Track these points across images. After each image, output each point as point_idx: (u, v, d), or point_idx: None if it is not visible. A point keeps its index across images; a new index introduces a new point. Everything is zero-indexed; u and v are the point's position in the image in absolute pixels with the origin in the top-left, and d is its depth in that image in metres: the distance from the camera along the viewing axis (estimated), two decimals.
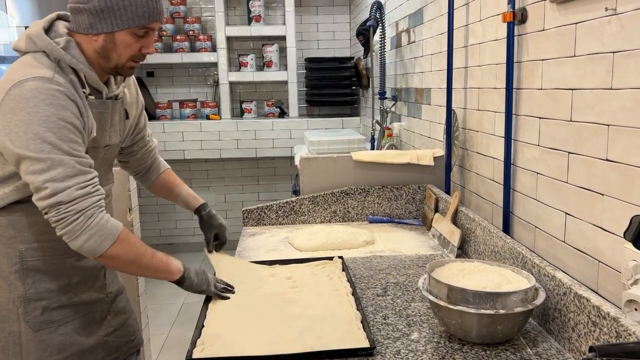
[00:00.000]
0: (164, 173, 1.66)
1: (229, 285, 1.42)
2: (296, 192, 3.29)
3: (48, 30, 1.23)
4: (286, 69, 4.49)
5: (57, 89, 1.14)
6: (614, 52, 1.09)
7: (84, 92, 1.23)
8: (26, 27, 2.67)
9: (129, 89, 1.44)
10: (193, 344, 1.15)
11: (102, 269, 1.41)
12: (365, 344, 1.12)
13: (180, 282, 1.34)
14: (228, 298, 1.37)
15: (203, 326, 1.24)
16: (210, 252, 1.62)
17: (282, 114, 4.62)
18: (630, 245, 0.97)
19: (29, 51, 1.20)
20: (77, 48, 1.22)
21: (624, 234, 0.85)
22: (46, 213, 1.14)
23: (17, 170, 1.16)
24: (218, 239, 1.64)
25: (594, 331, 1.01)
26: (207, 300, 1.37)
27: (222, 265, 1.57)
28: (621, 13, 1.06)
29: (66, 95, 1.16)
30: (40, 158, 1.11)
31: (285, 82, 4.53)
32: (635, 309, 0.98)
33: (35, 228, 1.25)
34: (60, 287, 1.30)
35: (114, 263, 1.23)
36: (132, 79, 1.48)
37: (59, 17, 1.27)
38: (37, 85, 1.13)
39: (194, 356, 1.11)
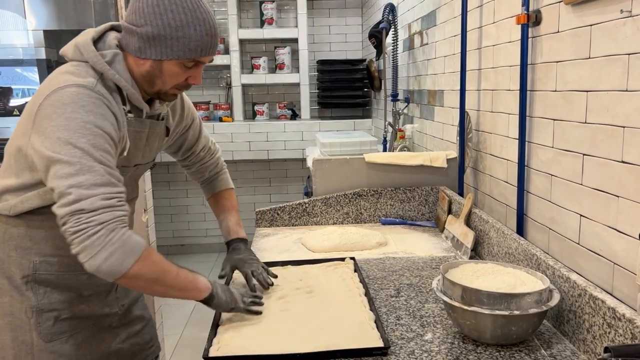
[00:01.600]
0: (219, 194, 1.61)
1: (257, 297, 1.33)
2: (308, 194, 3.30)
3: (98, 40, 1.20)
4: (298, 71, 4.51)
5: (97, 97, 1.12)
6: (629, 54, 1.09)
7: (123, 109, 1.20)
8: (44, 31, 2.72)
9: (174, 108, 1.41)
10: (209, 343, 1.17)
11: (114, 285, 1.35)
12: (380, 343, 1.13)
13: (209, 300, 1.24)
14: (260, 313, 1.28)
15: (218, 325, 1.26)
16: (220, 277, 1.47)
17: (294, 116, 4.64)
18: None
19: (74, 59, 1.18)
20: (124, 63, 1.19)
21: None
22: (64, 223, 1.05)
23: (44, 177, 1.10)
24: (254, 275, 1.44)
25: (609, 333, 1.01)
26: (227, 282, 1.39)
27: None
28: (637, 15, 1.06)
29: (107, 105, 1.13)
30: (70, 162, 1.05)
31: (298, 85, 4.55)
32: None
33: (52, 242, 1.22)
34: (72, 299, 1.27)
35: (137, 283, 1.14)
36: (180, 97, 1.43)
37: (112, 28, 1.24)
38: (78, 91, 1.10)
39: (210, 355, 1.12)
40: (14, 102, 3.17)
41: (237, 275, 1.50)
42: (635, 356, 0.74)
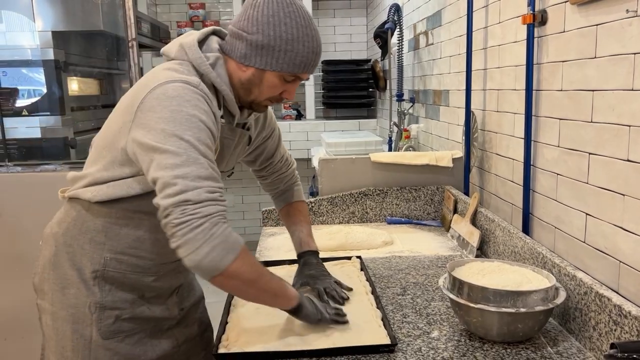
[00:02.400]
0: (291, 206, 1.59)
1: (338, 308, 1.28)
2: (313, 194, 3.32)
3: (202, 42, 1.21)
4: None
5: (202, 94, 1.11)
6: (635, 54, 1.10)
7: (219, 114, 1.20)
8: (53, 32, 2.74)
9: (257, 117, 1.41)
10: (218, 340, 1.18)
11: (177, 288, 1.36)
12: (387, 341, 1.14)
13: (297, 310, 1.19)
14: (347, 322, 1.23)
15: (227, 323, 1.27)
16: None
17: (299, 116, 4.65)
18: None
19: (177, 58, 1.19)
20: (224, 67, 1.20)
21: None
22: (167, 215, 1.02)
23: (146, 168, 1.07)
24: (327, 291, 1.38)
25: (615, 330, 1.02)
26: (230, 297, 1.40)
27: None
28: None
29: (208, 104, 1.12)
30: (177, 152, 1.04)
31: (303, 85, 4.55)
32: None
33: (125, 241, 1.22)
34: (135, 300, 1.27)
35: (233, 283, 1.09)
36: None
37: (214, 32, 1.25)
38: (184, 86, 1.10)
39: (219, 352, 1.13)
40: (20, 102, 3.20)
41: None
42: None
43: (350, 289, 1.42)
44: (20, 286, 2.39)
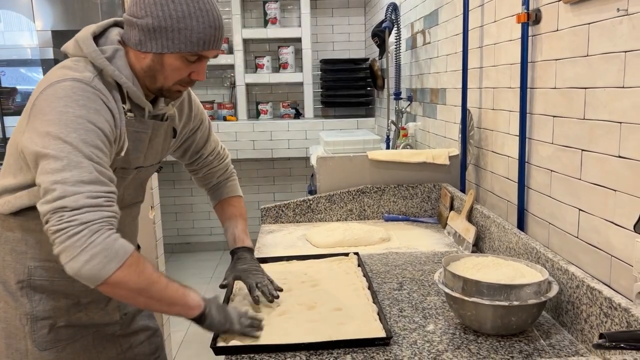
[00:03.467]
0: (225, 201, 1.53)
1: (256, 319, 1.21)
2: (312, 192, 3.34)
3: (100, 35, 1.16)
4: (302, 71, 4.55)
5: (93, 92, 1.07)
6: (625, 52, 1.12)
7: (123, 107, 1.15)
8: (53, 32, 2.76)
9: (181, 109, 1.35)
10: (216, 334, 1.20)
11: None
12: (382, 334, 1.16)
13: (200, 320, 1.13)
14: (257, 337, 1.17)
15: None
16: (221, 287, 1.39)
17: (298, 115, 4.67)
18: None
19: (75, 55, 1.15)
20: (125, 59, 1.14)
21: (634, 227, 0.88)
22: (47, 221, 0.99)
23: (35, 174, 1.04)
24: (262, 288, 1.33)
25: (605, 322, 1.04)
26: (228, 293, 1.42)
27: None
28: (632, 13, 1.09)
29: (102, 100, 1.08)
30: (57, 157, 1.00)
31: (301, 84, 4.58)
32: None
33: (47, 247, 1.12)
34: (69, 307, 1.22)
35: (119, 292, 1.04)
36: (187, 96, 1.38)
37: (115, 24, 1.19)
38: (73, 85, 1.06)
39: (218, 345, 1.15)
40: (20, 101, 3.22)
41: (242, 286, 1.41)
42: (629, 341, 0.77)
43: (281, 289, 1.35)
44: None
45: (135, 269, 1.03)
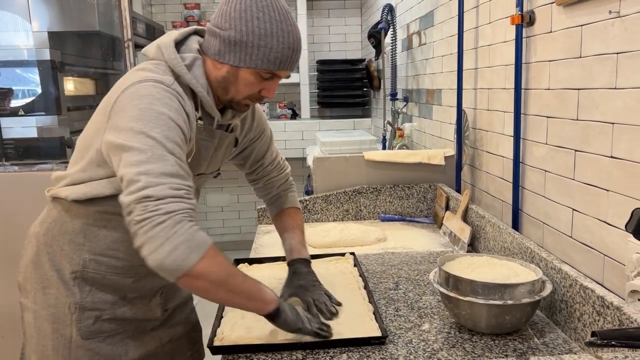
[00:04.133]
0: (283, 212, 1.52)
1: (324, 324, 1.19)
2: (308, 193, 3.35)
3: (181, 42, 1.19)
4: (298, 71, 4.55)
5: (174, 93, 1.10)
6: (618, 53, 1.13)
7: (195, 114, 1.18)
8: (49, 33, 2.76)
9: (244, 119, 1.38)
10: (213, 333, 1.21)
11: (160, 289, 1.32)
12: (378, 333, 1.17)
13: (274, 315, 1.12)
14: (327, 337, 1.15)
15: (222, 317, 1.30)
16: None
17: (294, 115, 4.68)
18: (634, 238, 1.01)
19: (155, 59, 1.18)
20: (202, 68, 1.17)
21: (626, 226, 0.89)
22: (130, 212, 0.99)
23: (116, 167, 1.06)
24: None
25: (598, 321, 1.06)
26: None
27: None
28: (625, 15, 1.11)
29: (180, 104, 1.11)
30: (141, 149, 1.02)
31: (298, 84, 4.59)
32: (638, 299, 1.02)
33: (103, 242, 1.21)
34: (116, 301, 1.26)
35: (200, 284, 1.03)
36: (252, 109, 1.40)
37: (195, 32, 1.22)
38: (155, 85, 1.09)
39: (214, 344, 1.16)
40: (17, 102, 3.21)
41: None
42: (620, 339, 0.78)
43: (340, 304, 1.33)
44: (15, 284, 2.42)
45: (216, 260, 1.03)
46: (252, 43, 1.12)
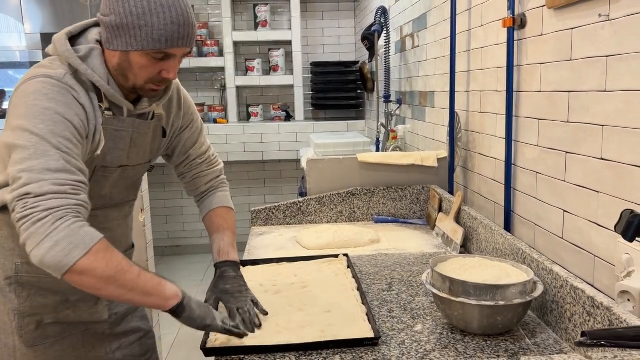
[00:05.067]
0: (214, 212, 1.43)
1: (237, 327, 1.16)
2: (302, 195, 3.35)
3: (79, 35, 1.17)
4: (292, 73, 4.56)
5: (63, 87, 1.08)
6: (607, 56, 1.14)
7: (100, 106, 1.15)
8: (42, 34, 2.76)
9: (169, 108, 1.34)
10: (207, 335, 1.21)
11: None
12: (371, 334, 1.17)
13: (177, 311, 1.08)
14: (240, 336, 1.14)
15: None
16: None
17: (288, 117, 4.68)
18: (623, 240, 1.02)
19: (52, 55, 1.16)
20: (101, 58, 1.14)
21: (615, 227, 0.90)
22: (13, 210, 0.98)
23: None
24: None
25: (588, 321, 1.07)
26: None
27: None
28: (614, 19, 1.12)
29: (73, 96, 1.09)
30: (25, 146, 1.01)
31: (291, 86, 4.59)
32: (628, 300, 1.03)
33: None
34: (57, 304, 1.22)
35: (86, 281, 0.99)
36: (177, 95, 1.37)
37: (96, 24, 1.18)
38: (44, 81, 1.07)
39: (208, 346, 1.16)
40: (7, 104, 3.21)
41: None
42: (609, 339, 0.79)
43: (266, 313, 1.26)
44: None
45: (103, 256, 1.00)
46: (132, 24, 1.08)
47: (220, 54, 4.53)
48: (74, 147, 1.06)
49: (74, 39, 1.17)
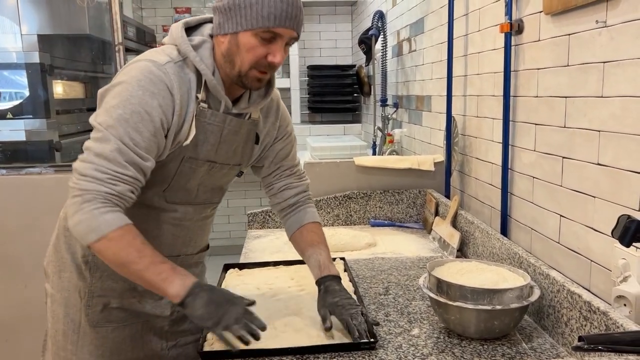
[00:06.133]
0: (305, 227, 1.41)
1: (253, 331, 1.09)
2: None
3: (194, 28, 1.22)
4: (289, 77, 4.56)
5: (158, 75, 1.11)
6: (604, 62, 1.15)
7: (197, 97, 1.17)
8: (39, 36, 2.74)
9: (266, 116, 1.35)
10: (204, 338, 1.21)
11: None
12: (368, 338, 1.17)
13: (183, 307, 1.10)
14: (246, 344, 1.08)
15: None
16: (327, 329, 1.20)
17: None
18: (619, 245, 1.02)
19: (167, 43, 1.21)
20: (210, 50, 1.18)
21: (612, 232, 0.91)
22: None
23: None
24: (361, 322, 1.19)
25: (585, 325, 1.07)
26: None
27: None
28: (611, 25, 1.13)
29: (166, 85, 1.12)
30: (98, 128, 1.09)
31: (288, 89, 4.59)
32: (624, 305, 1.03)
33: None
34: (125, 290, 1.26)
35: (102, 259, 1.11)
36: (276, 105, 1.38)
37: (211, 20, 1.23)
38: (142, 66, 1.12)
39: (204, 349, 1.16)
40: (5, 105, 3.19)
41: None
42: (606, 344, 0.79)
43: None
44: (6, 288, 2.38)
45: (116, 244, 1.06)
46: (243, 4, 1.11)
47: None
48: (142, 141, 1.10)
49: (190, 30, 1.22)
